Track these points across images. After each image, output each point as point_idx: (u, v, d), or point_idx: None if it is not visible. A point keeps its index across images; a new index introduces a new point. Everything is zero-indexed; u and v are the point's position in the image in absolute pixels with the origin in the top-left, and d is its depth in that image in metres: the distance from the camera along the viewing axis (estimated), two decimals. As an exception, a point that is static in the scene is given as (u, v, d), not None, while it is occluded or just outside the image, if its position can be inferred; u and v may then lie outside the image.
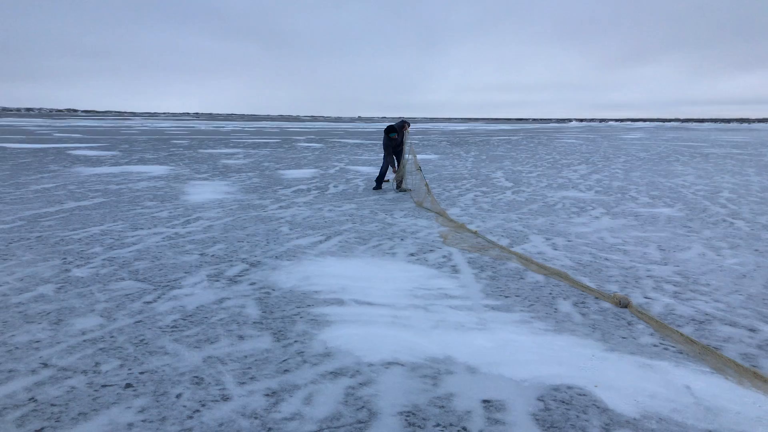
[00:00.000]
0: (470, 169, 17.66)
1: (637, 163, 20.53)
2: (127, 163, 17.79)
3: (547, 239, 7.58)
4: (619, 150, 28.63)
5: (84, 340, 4.04)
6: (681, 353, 3.94)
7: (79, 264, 6.03)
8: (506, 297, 5.13)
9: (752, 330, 4.41)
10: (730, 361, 3.77)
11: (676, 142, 38.80)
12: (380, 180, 12.53)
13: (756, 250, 7.06)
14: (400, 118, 12.79)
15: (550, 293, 5.25)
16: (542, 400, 3.26)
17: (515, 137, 45.11)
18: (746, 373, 3.60)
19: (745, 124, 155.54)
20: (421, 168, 12.22)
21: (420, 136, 43.30)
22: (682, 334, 4.21)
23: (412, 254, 6.68)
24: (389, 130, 12.01)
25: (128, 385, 3.38)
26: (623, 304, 4.86)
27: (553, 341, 4.13)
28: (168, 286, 5.33)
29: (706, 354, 3.90)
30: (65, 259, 6.23)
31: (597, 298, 5.12)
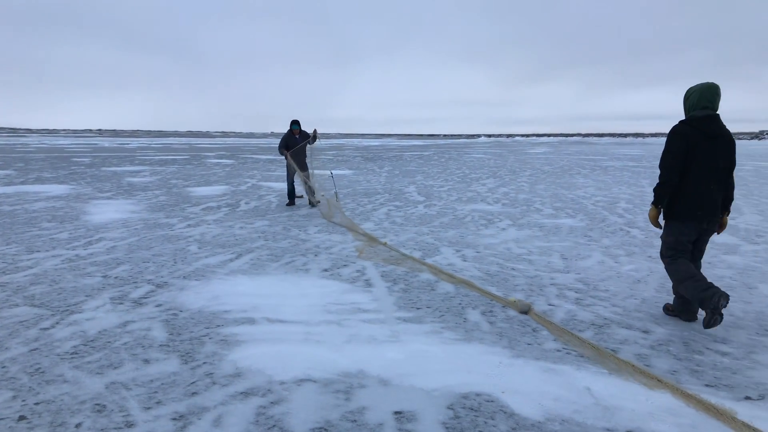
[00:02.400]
0: (384, 184, 17.86)
1: (541, 176, 21.43)
2: (22, 183, 16.78)
3: (457, 251, 7.77)
4: (525, 164, 29.80)
5: (-29, 373, 3.77)
6: (582, 357, 4.14)
7: (-34, 291, 5.63)
8: (418, 309, 5.21)
9: (645, 332, 4.70)
10: (626, 362, 3.99)
11: (578, 155, 40.81)
12: (292, 195, 12.44)
13: (649, 256, 7.52)
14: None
15: (460, 303, 5.38)
16: (452, 409, 3.33)
17: (427, 152, 46.02)
18: (640, 372, 3.82)
19: (640, 139, 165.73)
20: (338, 194, 12.31)
21: (334, 152, 43.36)
22: (582, 339, 4.42)
23: (325, 270, 6.67)
24: (293, 124, 12.04)
25: (22, 418, 3.18)
26: (524, 310, 5.06)
27: (462, 350, 4.23)
28: (67, 310, 5.06)
29: (605, 356, 4.11)
30: (-49, 286, 5.79)
31: (504, 306, 5.29)
